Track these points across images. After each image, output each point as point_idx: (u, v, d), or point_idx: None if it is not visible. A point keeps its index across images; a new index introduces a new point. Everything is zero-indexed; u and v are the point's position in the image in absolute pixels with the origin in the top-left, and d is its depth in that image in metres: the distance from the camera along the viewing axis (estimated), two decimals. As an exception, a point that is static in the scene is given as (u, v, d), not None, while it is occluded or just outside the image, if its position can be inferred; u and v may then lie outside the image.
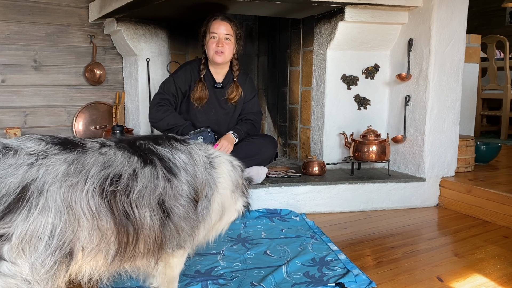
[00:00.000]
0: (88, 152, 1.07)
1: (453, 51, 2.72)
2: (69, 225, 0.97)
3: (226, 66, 2.58)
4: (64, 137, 1.11)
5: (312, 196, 2.59)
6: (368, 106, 3.01)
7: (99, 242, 1.03)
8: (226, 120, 2.65)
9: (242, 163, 1.56)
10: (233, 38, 2.49)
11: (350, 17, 2.68)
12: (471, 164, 3.04)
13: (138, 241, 1.10)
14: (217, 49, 2.45)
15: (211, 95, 2.58)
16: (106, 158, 1.08)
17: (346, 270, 1.73)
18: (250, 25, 3.77)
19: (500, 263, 1.88)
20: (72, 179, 0.99)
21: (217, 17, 2.47)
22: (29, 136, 1.07)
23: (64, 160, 1.01)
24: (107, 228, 1.04)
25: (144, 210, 1.10)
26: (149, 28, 3.29)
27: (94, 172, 1.03)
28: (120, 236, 1.06)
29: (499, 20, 6.49)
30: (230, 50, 2.49)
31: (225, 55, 2.48)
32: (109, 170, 1.06)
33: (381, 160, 2.79)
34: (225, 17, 2.49)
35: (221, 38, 2.45)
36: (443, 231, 2.32)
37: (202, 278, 1.65)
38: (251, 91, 2.70)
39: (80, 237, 0.99)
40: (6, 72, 3.22)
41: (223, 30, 2.45)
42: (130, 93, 3.50)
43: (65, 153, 1.03)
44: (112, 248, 1.06)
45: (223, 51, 2.46)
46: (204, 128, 2.53)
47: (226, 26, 2.46)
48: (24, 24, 3.24)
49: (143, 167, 1.14)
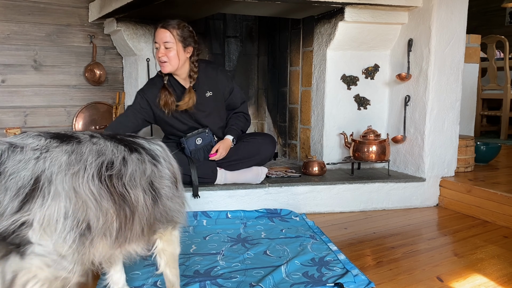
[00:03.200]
0: (83, 142, 1.19)
1: (453, 51, 2.72)
2: (79, 207, 1.10)
3: (185, 71, 2.45)
4: (57, 132, 1.23)
5: (312, 196, 2.59)
6: (368, 106, 3.01)
7: (104, 223, 1.14)
8: (212, 121, 2.56)
9: None
10: (174, 44, 2.33)
11: (350, 17, 2.68)
12: (471, 164, 3.04)
13: (134, 221, 1.22)
14: (159, 59, 2.35)
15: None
16: (98, 147, 1.21)
17: (345, 270, 1.73)
18: (250, 25, 3.77)
19: (500, 263, 1.88)
20: (74, 167, 1.12)
21: (158, 25, 2.36)
22: (28, 133, 1.16)
23: (64, 152, 1.14)
24: (107, 209, 1.15)
25: (137, 191, 1.23)
26: (149, 28, 3.29)
27: (91, 160, 1.16)
28: (119, 217, 1.18)
29: (499, 20, 6.49)
30: (174, 56, 2.34)
31: (170, 64, 2.35)
32: (103, 158, 1.19)
33: (381, 160, 2.79)
34: (166, 23, 2.35)
35: (162, 47, 2.34)
36: (443, 231, 2.32)
37: (201, 278, 1.65)
38: (227, 84, 2.57)
39: (90, 217, 1.12)
40: (6, 72, 3.22)
41: (162, 38, 2.33)
42: (130, 93, 3.50)
43: (64, 145, 1.15)
44: (113, 229, 1.17)
45: (165, 60, 2.34)
46: (202, 129, 2.52)
47: (164, 33, 2.32)
48: (24, 24, 3.25)
49: (130, 154, 1.26)
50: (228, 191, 2.48)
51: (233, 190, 2.48)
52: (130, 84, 3.50)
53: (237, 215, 2.41)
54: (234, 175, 2.52)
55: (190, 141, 2.48)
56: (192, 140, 2.49)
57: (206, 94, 2.50)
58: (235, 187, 2.49)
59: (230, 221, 2.35)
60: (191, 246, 1.99)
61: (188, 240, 2.08)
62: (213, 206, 2.46)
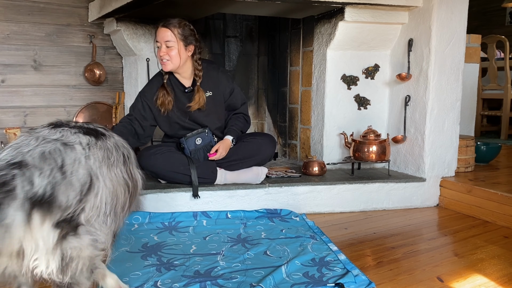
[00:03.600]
0: (106, 138, 1.46)
1: (453, 51, 2.71)
2: (114, 193, 1.37)
3: (187, 69, 2.45)
4: (89, 127, 1.46)
5: (312, 196, 2.59)
6: (368, 106, 3.01)
7: (124, 200, 1.44)
8: (213, 121, 2.56)
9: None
10: (176, 42, 2.34)
11: (350, 17, 2.68)
12: (471, 164, 3.03)
13: (136, 193, 1.57)
14: (160, 58, 2.37)
15: (183, 100, 2.48)
16: (113, 142, 1.49)
17: (345, 270, 1.72)
18: (250, 25, 3.77)
19: (500, 263, 1.88)
20: (109, 161, 1.40)
21: (159, 24, 2.37)
22: (64, 129, 1.37)
23: (99, 148, 1.39)
24: (125, 189, 1.46)
25: (137, 171, 1.57)
26: (149, 28, 3.29)
27: (115, 154, 1.45)
28: (130, 192, 1.49)
29: (499, 20, 6.48)
30: (175, 55, 2.35)
31: (171, 62, 2.36)
32: (122, 150, 1.50)
33: (381, 160, 2.79)
34: (167, 22, 2.36)
35: (163, 45, 2.35)
36: (443, 231, 2.32)
37: (201, 278, 1.64)
38: (228, 84, 2.57)
39: (120, 199, 1.41)
40: (6, 72, 3.22)
41: (163, 37, 2.34)
42: (130, 93, 3.50)
43: (99, 141, 1.41)
44: (127, 203, 1.48)
45: (167, 59, 2.35)
46: (202, 129, 2.51)
47: (165, 32, 2.33)
48: (24, 24, 3.24)
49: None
50: (228, 191, 2.48)
51: (233, 190, 2.48)
52: (130, 84, 3.49)
53: (237, 215, 2.41)
54: (234, 175, 2.52)
55: (190, 141, 2.48)
56: (192, 140, 2.48)
57: (205, 94, 2.49)
58: (235, 187, 2.49)
59: (230, 221, 2.34)
60: (191, 247, 1.99)
61: (188, 240, 2.07)
62: (213, 206, 2.45)
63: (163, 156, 2.42)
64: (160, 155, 2.42)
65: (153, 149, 2.47)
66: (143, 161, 2.40)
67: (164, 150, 2.45)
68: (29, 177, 1.15)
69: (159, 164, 2.41)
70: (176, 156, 2.46)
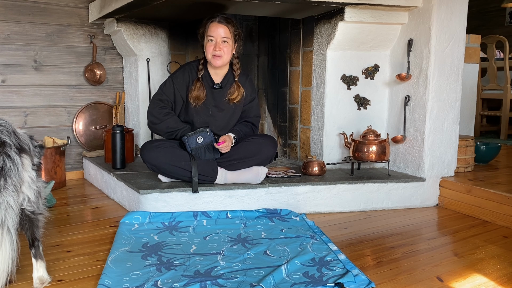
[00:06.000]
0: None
1: (453, 51, 2.72)
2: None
3: (225, 67, 2.57)
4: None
5: (312, 196, 2.59)
6: (368, 106, 3.01)
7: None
8: (224, 121, 2.63)
9: None
10: (231, 40, 2.46)
11: (350, 17, 2.68)
12: (471, 164, 3.04)
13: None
14: (215, 53, 2.43)
15: (209, 96, 2.56)
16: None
17: (345, 270, 1.73)
18: (250, 25, 3.77)
19: (500, 263, 1.88)
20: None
21: (214, 20, 2.44)
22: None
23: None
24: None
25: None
26: (149, 28, 3.29)
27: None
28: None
29: (499, 20, 6.49)
30: (228, 52, 2.47)
31: (223, 58, 2.46)
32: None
33: (381, 160, 2.79)
34: (223, 18, 2.45)
35: (218, 41, 2.43)
36: (443, 231, 2.32)
37: (201, 278, 1.65)
38: (251, 92, 2.68)
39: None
40: (6, 72, 3.23)
41: (220, 33, 2.42)
42: (130, 93, 3.51)
43: None
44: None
45: (221, 55, 2.44)
46: (203, 128, 2.53)
47: (223, 28, 2.43)
48: (24, 24, 3.25)
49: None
50: (228, 191, 2.48)
51: (233, 190, 2.49)
52: (130, 84, 3.50)
53: (237, 215, 2.41)
54: (234, 175, 2.53)
55: (191, 139, 2.50)
56: (193, 139, 2.50)
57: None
58: (235, 187, 2.49)
59: (230, 221, 2.35)
60: (191, 246, 1.99)
61: (188, 240, 2.08)
62: (213, 206, 2.46)
63: (166, 150, 2.46)
64: (163, 148, 2.46)
65: (156, 143, 2.51)
66: (145, 153, 2.44)
67: (167, 144, 2.50)
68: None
69: (161, 157, 2.44)
70: (178, 151, 2.49)
